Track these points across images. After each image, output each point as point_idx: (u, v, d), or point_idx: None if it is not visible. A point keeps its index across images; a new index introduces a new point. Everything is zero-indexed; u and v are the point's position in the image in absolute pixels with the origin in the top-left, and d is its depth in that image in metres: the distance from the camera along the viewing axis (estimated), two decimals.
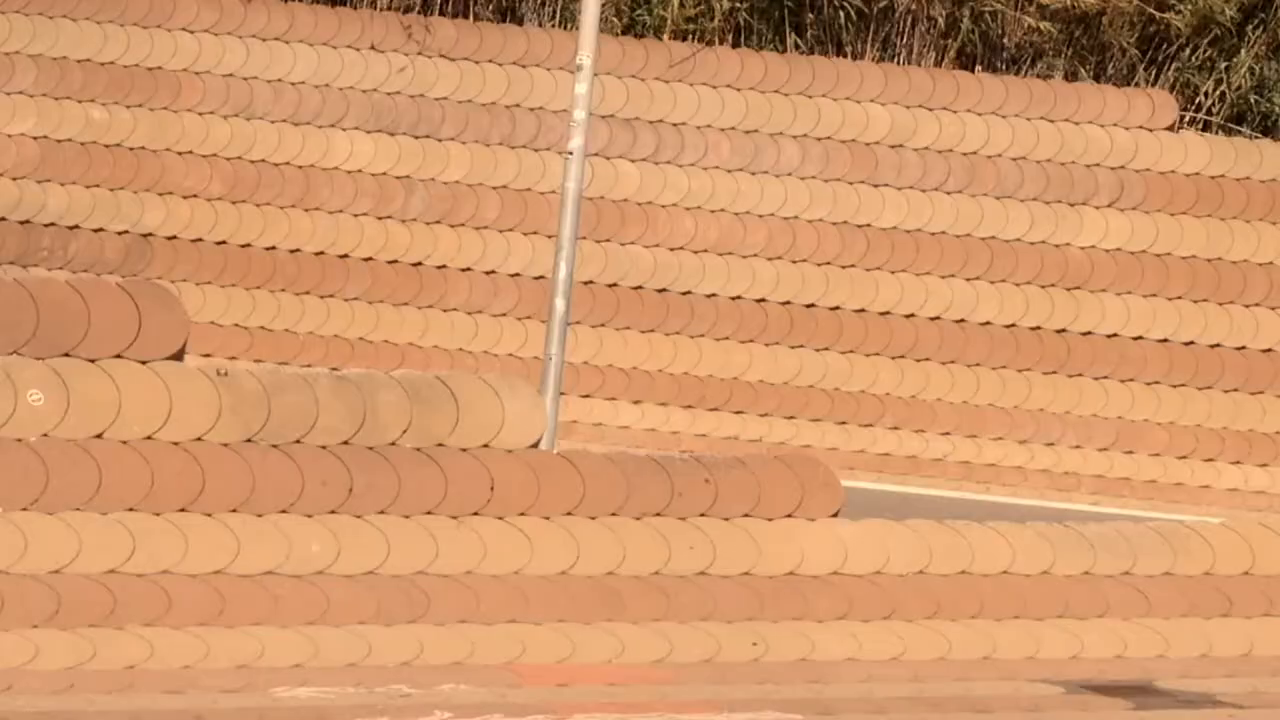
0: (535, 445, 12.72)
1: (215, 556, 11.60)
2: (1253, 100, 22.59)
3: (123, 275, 20.14)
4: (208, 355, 19.67)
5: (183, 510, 11.67)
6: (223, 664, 11.17)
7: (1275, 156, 21.55)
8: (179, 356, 12.18)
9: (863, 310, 21.27)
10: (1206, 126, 22.52)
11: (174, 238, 21.05)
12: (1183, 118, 22.26)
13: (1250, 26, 22.73)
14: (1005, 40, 22.56)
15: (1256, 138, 22.17)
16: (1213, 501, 20.17)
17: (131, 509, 11.57)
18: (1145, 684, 12.23)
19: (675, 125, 21.67)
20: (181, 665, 11.10)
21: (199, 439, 11.86)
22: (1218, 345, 21.26)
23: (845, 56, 22.25)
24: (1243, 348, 21.24)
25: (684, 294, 21.25)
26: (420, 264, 21.27)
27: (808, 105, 21.70)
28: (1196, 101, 22.64)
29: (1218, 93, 22.61)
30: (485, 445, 12.55)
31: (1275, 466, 20.94)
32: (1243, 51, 22.51)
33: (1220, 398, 21.14)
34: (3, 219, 20.86)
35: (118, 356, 11.87)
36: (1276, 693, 12.18)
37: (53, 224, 20.92)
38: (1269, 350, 21.21)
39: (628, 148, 21.61)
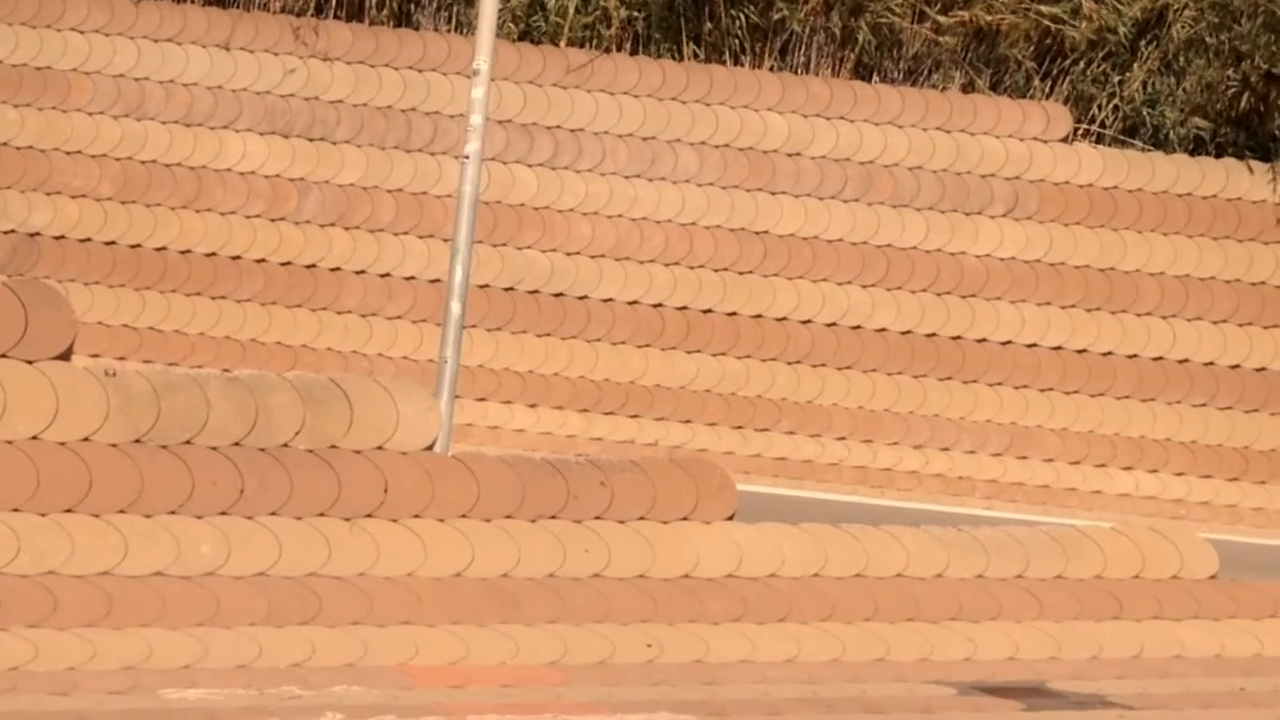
0: (430, 448, 12.64)
1: (102, 557, 11.44)
2: (1145, 114, 22.84)
3: (9, 275, 19.86)
4: (96, 355, 19.43)
5: (69, 511, 11.50)
6: (110, 665, 11.00)
7: (1167, 169, 21.81)
8: (66, 356, 12.01)
9: (759, 316, 21.32)
10: (1100, 139, 22.74)
11: (62, 237, 20.78)
12: (1077, 130, 22.47)
13: (1143, 42, 22.99)
14: (903, 51, 22.70)
15: (1149, 150, 22.40)
16: (1104, 506, 20.36)
17: (16, 509, 11.38)
18: (1037, 685, 12.30)
19: (572, 131, 21.64)
20: (67, 667, 10.93)
21: (86, 439, 11.69)
22: (1110, 353, 21.47)
23: (742, 66, 22.31)
24: (1135, 356, 21.45)
25: (580, 298, 21.22)
26: (314, 266, 21.12)
27: (705, 113, 21.73)
28: (1091, 114, 22.86)
29: (1111, 106, 22.84)
30: (379, 447, 12.45)
31: (1165, 472, 21.17)
32: (1136, 66, 22.76)
33: (1113, 405, 21.35)
34: None
35: (3, 356, 11.68)
36: (1165, 694, 12.28)
37: None
38: (1160, 358, 21.44)
39: (525, 153, 21.55)
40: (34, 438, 11.59)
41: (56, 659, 10.95)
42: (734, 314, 21.31)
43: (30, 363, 11.71)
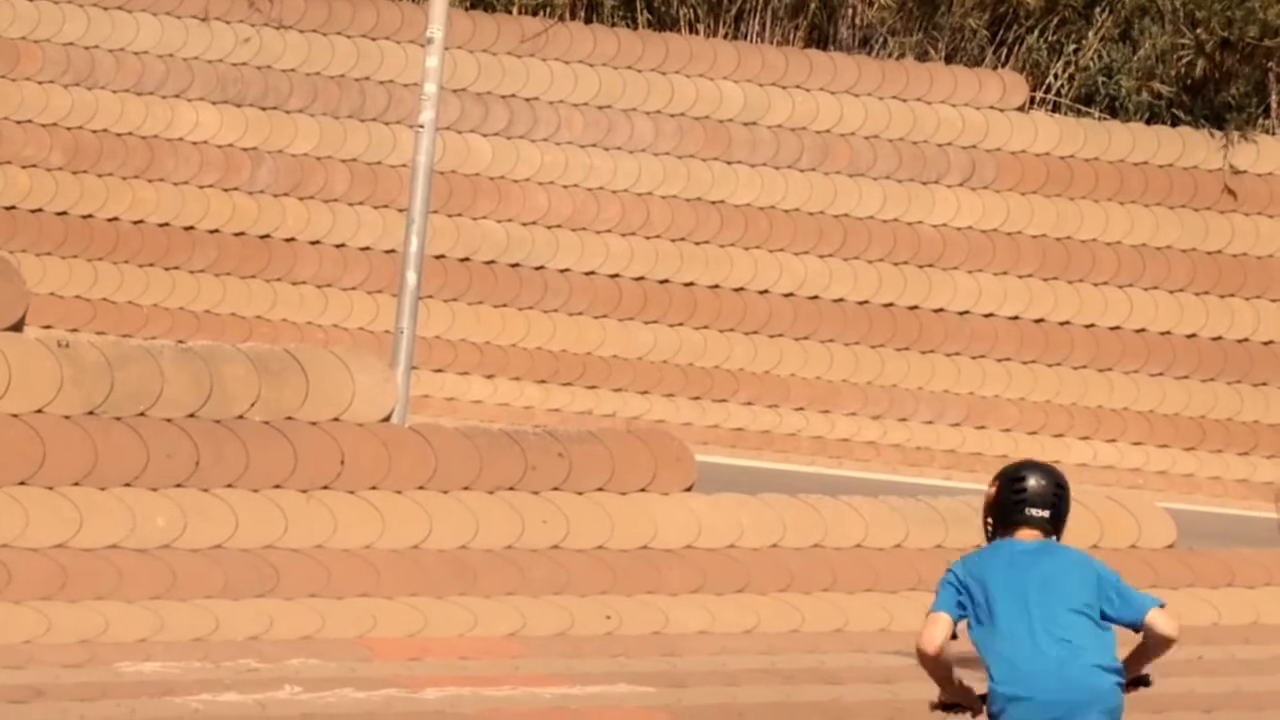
0: (386, 419, 12.56)
1: (57, 530, 11.34)
2: (1100, 82, 22.84)
3: None
4: (48, 327, 19.26)
5: (22, 484, 11.39)
6: (65, 639, 10.92)
7: (1123, 138, 21.83)
8: (18, 328, 11.89)
9: (717, 286, 21.27)
10: (1056, 107, 22.74)
11: (13, 208, 20.58)
12: (1033, 99, 22.47)
13: (1098, 9, 22.97)
14: (855, 20, 22.63)
15: (1105, 119, 22.42)
16: None
17: None
18: None
19: (528, 100, 21.53)
20: (22, 640, 10.84)
21: (39, 411, 11.58)
22: (1067, 323, 21.50)
23: (697, 35, 22.22)
24: (1091, 325, 21.49)
25: (537, 269, 21.14)
26: (268, 236, 20.98)
27: (661, 82, 21.64)
28: (1046, 83, 22.85)
29: (1067, 74, 22.84)
30: (335, 419, 12.37)
31: (1123, 442, 21.23)
32: (1090, 34, 22.75)
33: (1069, 374, 21.39)
34: None
35: None
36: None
37: None
38: (1116, 328, 21.48)
39: (480, 122, 21.43)
40: None
41: (11, 632, 10.85)
42: (691, 284, 21.26)
43: None
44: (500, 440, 12.81)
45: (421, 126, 13.92)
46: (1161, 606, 7.10)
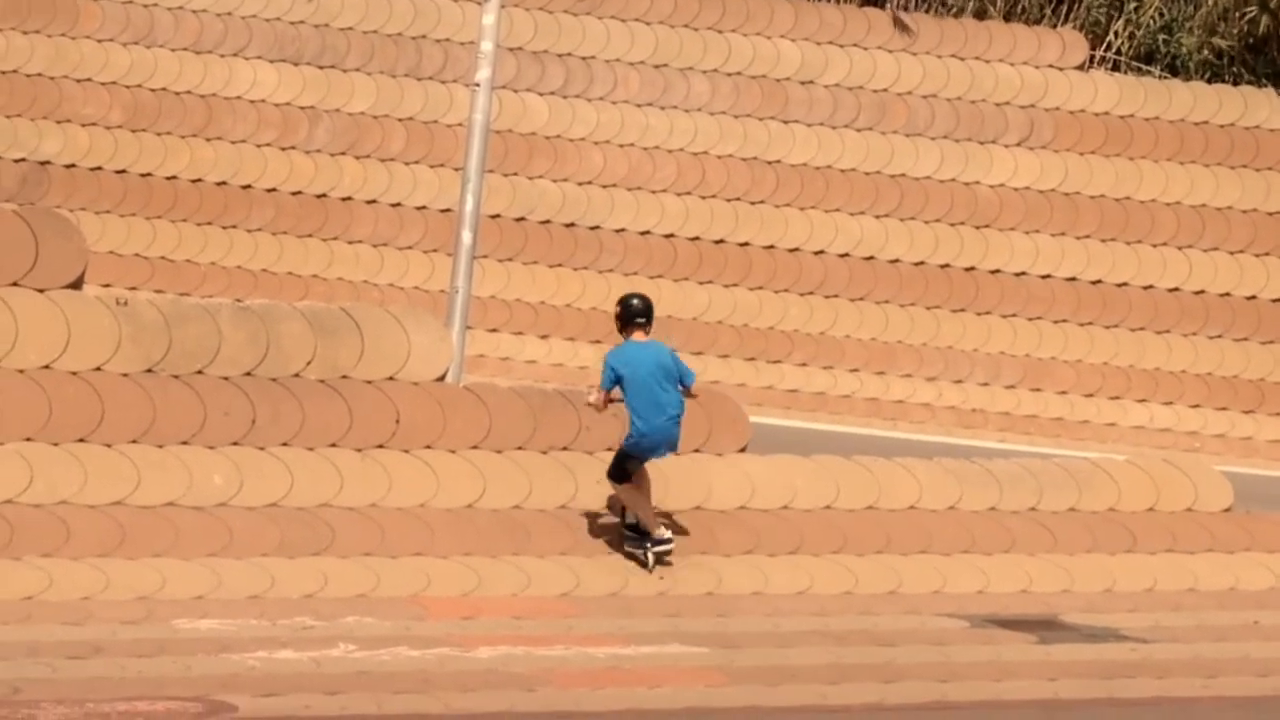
0: (441, 378, 12.62)
1: (115, 487, 11.44)
2: (1161, 40, 22.65)
3: (19, 203, 19.79)
4: (107, 285, 19.38)
5: (81, 440, 11.49)
6: (123, 595, 11.02)
7: (1184, 97, 21.66)
8: (77, 285, 11.98)
9: (772, 246, 21.23)
10: (1116, 66, 22.58)
11: (72, 166, 20.71)
12: (1092, 57, 22.31)
13: None
14: None
15: (1165, 78, 22.24)
16: (1118, 439, 20.32)
17: (29, 439, 11.38)
18: (1050, 618, 12.30)
19: (584, 59, 21.51)
20: (81, 596, 10.95)
21: (98, 369, 11.67)
22: (1125, 284, 21.39)
23: None
24: (1150, 287, 21.36)
25: (592, 229, 21.14)
26: (325, 195, 21.04)
27: (718, 40, 21.59)
28: (1106, 41, 22.68)
29: (1127, 33, 22.66)
30: (390, 378, 12.43)
31: (1180, 405, 21.11)
32: None
33: (1126, 336, 21.27)
34: None
35: (14, 285, 11.66)
36: (1178, 627, 12.27)
37: None
38: (1175, 289, 21.35)
39: (536, 81, 21.43)
40: (46, 367, 11.57)
41: (70, 588, 10.96)
42: (746, 244, 21.23)
43: (42, 291, 11.68)
44: (554, 400, 12.85)
45: (478, 85, 13.92)
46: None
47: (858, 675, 10.54)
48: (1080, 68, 21.80)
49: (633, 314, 12.17)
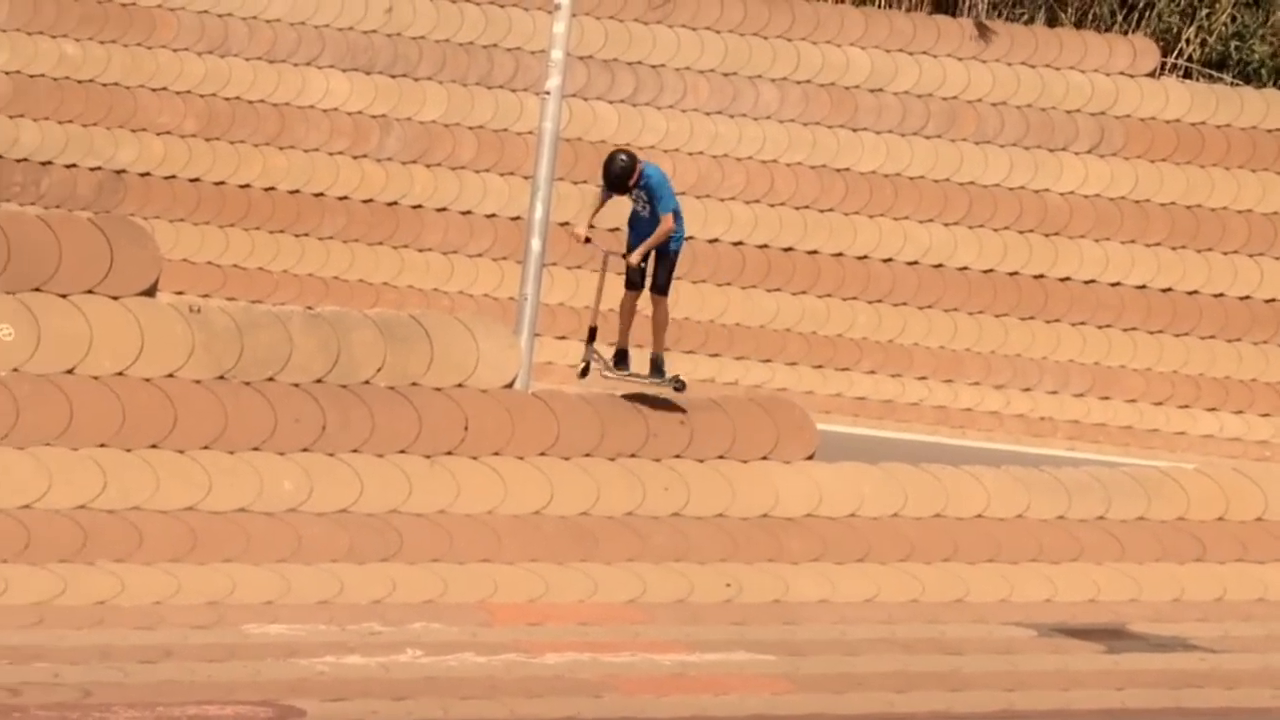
0: (510, 385, 12.69)
1: (187, 493, 11.56)
2: (1233, 47, 22.52)
3: (95, 211, 20.02)
4: (180, 292, 19.57)
5: (154, 446, 11.62)
6: (194, 600, 11.14)
7: (1256, 104, 21.51)
8: (151, 293, 12.11)
9: (840, 254, 21.22)
10: (1187, 73, 22.46)
11: (147, 174, 20.91)
12: (1164, 64, 22.19)
13: None
14: None
15: (1237, 85, 22.10)
16: (1188, 447, 20.19)
17: (103, 445, 11.52)
18: (1118, 627, 12.26)
19: (654, 67, 21.56)
20: (152, 601, 11.07)
21: (171, 375, 11.80)
22: (1195, 292, 21.26)
23: (825, 0, 22.14)
24: (1220, 295, 21.23)
25: None
26: (396, 203, 21.17)
27: (787, 48, 21.59)
28: (1177, 48, 22.57)
29: (1199, 40, 22.54)
30: (460, 385, 12.51)
31: (1250, 413, 20.96)
32: None
33: (1197, 344, 21.15)
34: None
35: (89, 292, 11.80)
36: (1248, 637, 12.21)
37: (25, 159, 20.77)
38: (1246, 298, 21.21)
39: (606, 89, 21.50)
40: (119, 373, 11.71)
41: (142, 593, 11.09)
42: (815, 252, 21.22)
43: (116, 299, 11.82)
44: (622, 407, 12.90)
45: (548, 93, 14.00)
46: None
47: (924, 683, 10.54)
48: (1151, 75, 21.69)
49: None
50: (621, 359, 13.23)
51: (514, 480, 12.26)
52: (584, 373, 13.28)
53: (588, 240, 13.21)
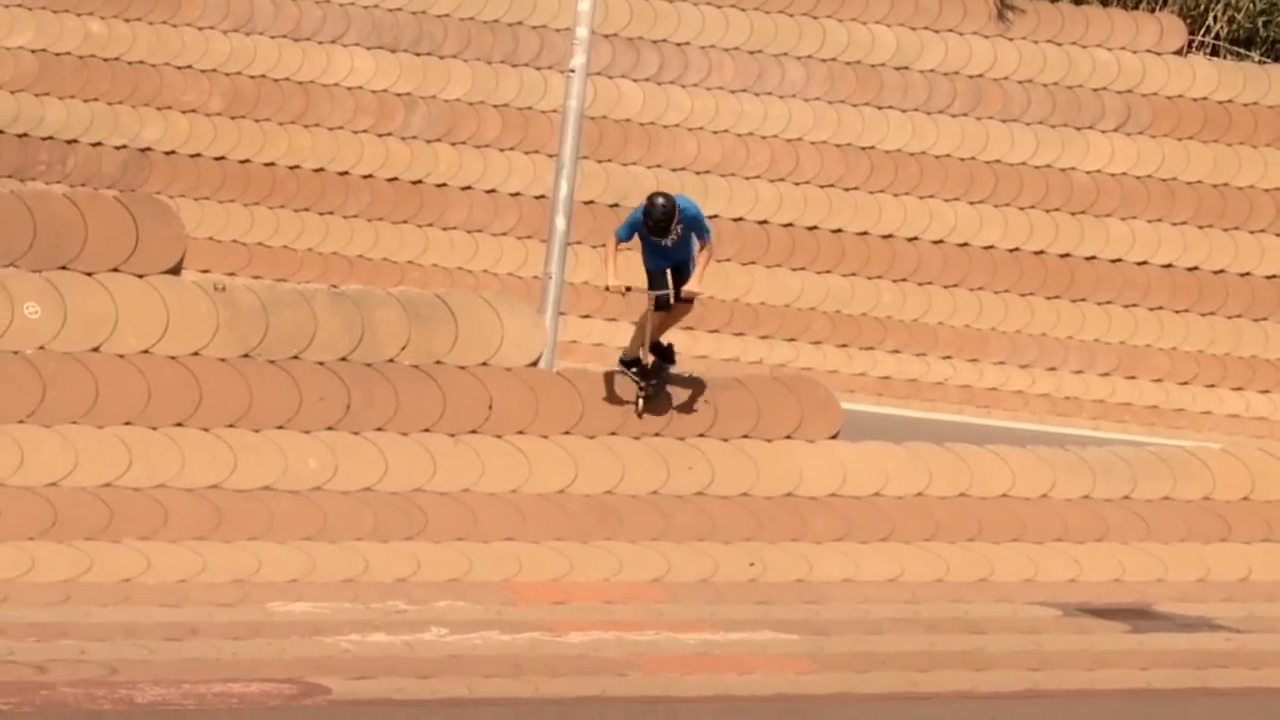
0: (534, 364, 12.70)
1: (212, 471, 11.59)
2: (1260, 24, 22.41)
3: (120, 189, 20.05)
4: (205, 271, 19.61)
5: (179, 425, 11.66)
6: (219, 578, 11.18)
7: None
8: (176, 271, 12.14)
9: (865, 233, 21.18)
10: (1215, 51, 22.36)
11: (172, 153, 20.95)
12: (1190, 42, 22.10)
13: None
14: None
15: (1265, 62, 22.00)
16: (1214, 427, 20.15)
17: (128, 423, 11.55)
18: (1143, 607, 12.24)
19: (678, 45, 21.52)
20: (178, 579, 11.11)
21: (196, 354, 11.83)
22: (1222, 271, 21.19)
23: None
24: (1247, 274, 21.16)
25: None
26: (420, 182, 21.18)
27: (813, 26, 21.54)
28: (1204, 25, 22.46)
29: (1226, 17, 22.43)
30: (484, 363, 12.52)
31: (1277, 393, 20.90)
32: None
33: (1223, 324, 21.08)
34: (0, 132, 20.74)
35: (114, 270, 11.83)
36: (1273, 617, 12.18)
37: (50, 138, 20.81)
38: (1273, 276, 21.13)
39: (630, 67, 21.46)
40: (145, 352, 11.74)
41: (167, 571, 11.13)
42: (839, 231, 21.19)
43: (141, 277, 11.85)
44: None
45: (573, 71, 13.99)
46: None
47: (948, 663, 10.53)
48: (1178, 52, 21.60)
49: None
50: (651, 372, 12.82)
51: (538, 459, 12.28)
52: (643, 405, 12.69)
53: (628, 290, 12.76)
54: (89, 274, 11.75)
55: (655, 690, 9.72)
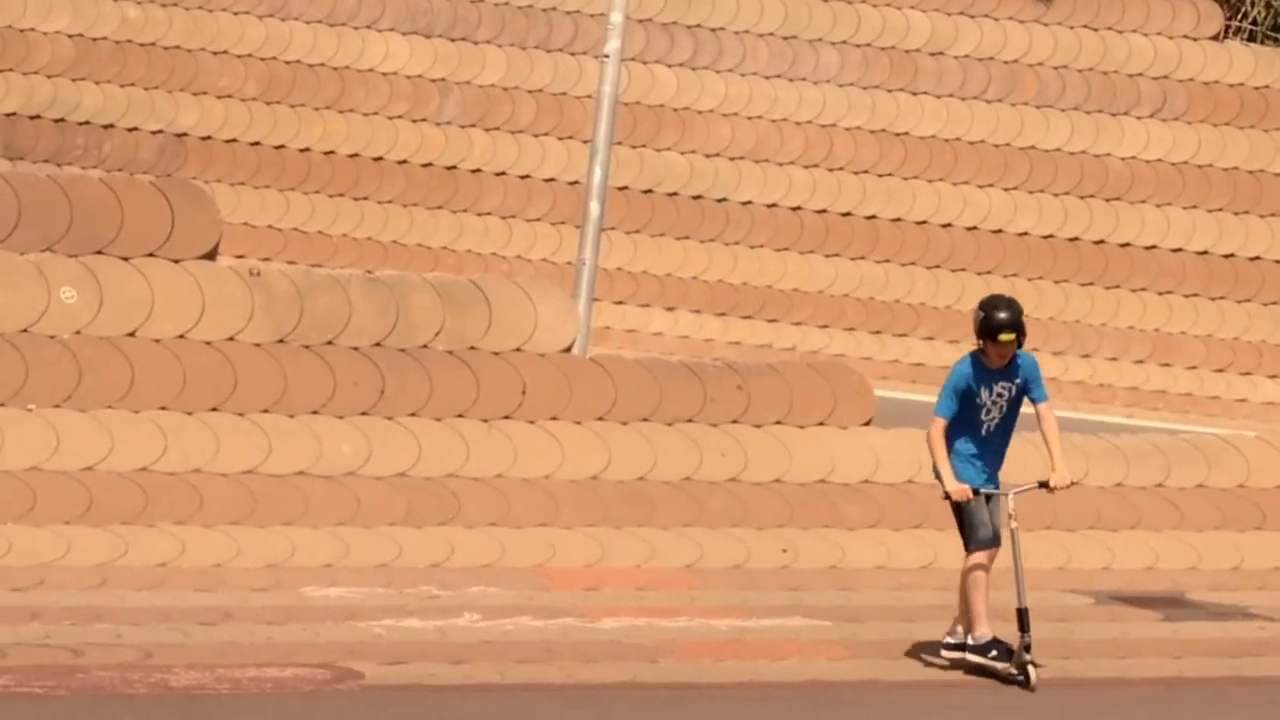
0: (568, 350, 12.71)
1: (247, 456, 11.63)
2: None
3: (156, 175, 20.11)
4: (241, 256, 19.68)
5: (214, 410, 11.70)
6: (253, 563, 11.22)
7: None
8: (212, 256, 12.17)
9: (899, 219, 21.15)
10: (1252, 36, 22.26)
11: (208, 138, 21.01)
12: (1228, 27, 22.00)
13: None
14: None
15: None
16: (1249, 415, 20.08)
17: (163, 408, 11.60)
18: (1176, 595, 12.21)
19: (713, 30, 21.51)
20: (213, 563, 11.16)
21: (231, 339, 11.87)
22: (1258, 258, 21.11)
23: None
24: None
25: (719, 201, 21.16)
26: (455, 167, 21.21)
27: (847, 11, 21.50)
28: (1241, 10, 22.36)
29: (1263, 2, 22.33)
30: (517, 349, 12.54)
31: None
32: None
33: (1259, 311, 21.00)
34: (37, 117, 20.85)
35: (150, 255, 11.86)
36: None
37: (87, 122, 20.90)
38: None
39: (665, 52, 21.46)
40: (180, 337, 11.78)
41: (202, 555, 11.18)
42: (873, 217, 21.16)
43: (177, 262, 11.89)
44: (680, 372, 12.90)
45: (607, 57, 13.99)
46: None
47: None
48: (1215, 38, 21.51)
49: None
50: (1023, 621, 9.92)
51: (571, 445, 12.29)
52: (1027, 679, 9.75)
53: (977, 493, 9.98)
54: (125, 259, 11.80)
55: (687, 676, 9.74)
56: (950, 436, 9.89)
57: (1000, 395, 9.98)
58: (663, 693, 9.46)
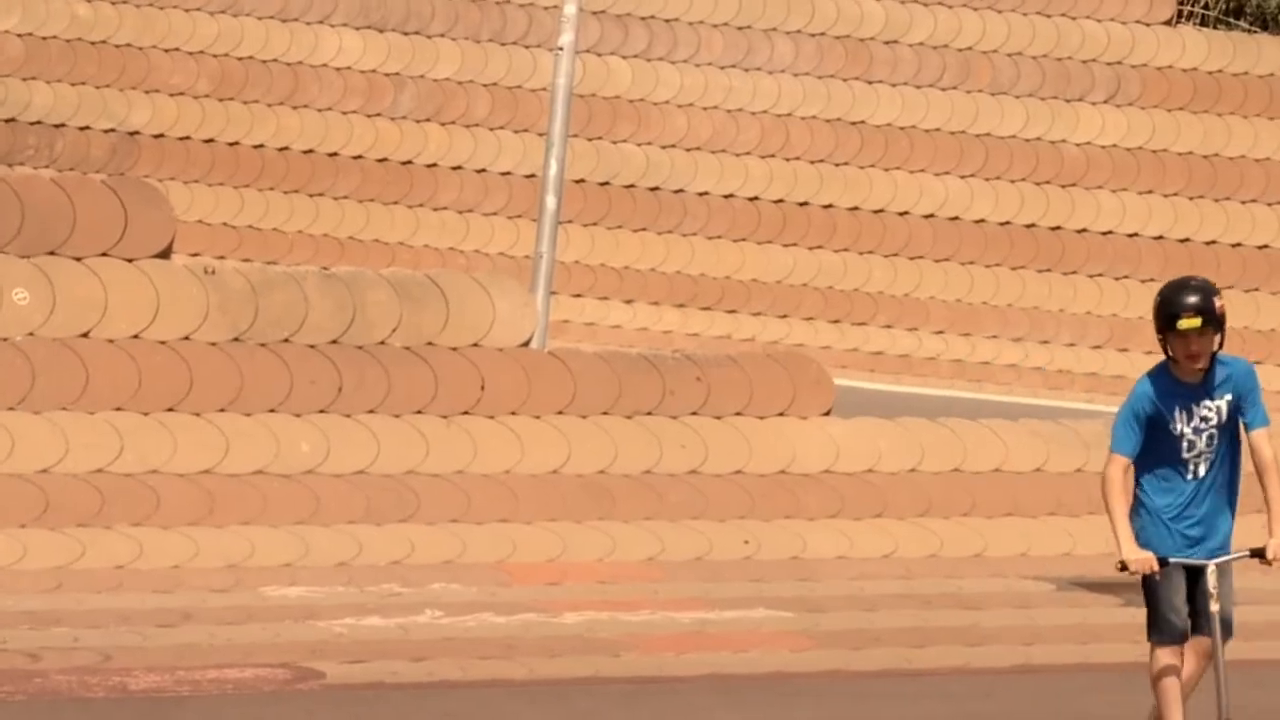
0: (526, 344, 12.67)
1: (204, 456, 11.57)
2: None
3: (109, 174, 19.97)
4: (195, 254, 19.54)
5: (171, 410, 11.63)
6: (212, 563, 11.16)
7: (1273, 51, 21.36)
8: (166, 255, 12.10)
9: (856, 208, 21.15)
10: (1204, 21, 22.33)
11: (161, 136, 20.88)
12: (1180, 12, 22.06)
13: None
14: None
15: (1254, 32, 21.98)
16: None
17: (119, 408, 11.52)
18: (1137, 581, 12.23)
19: (667, 22, 21.47)
20: (171, 565, 11.10)
21: (186, 338, 11.79)
22: (1213, 242, 21.16)
23: None
24: (1238, 244, 21.13)
25: (676, 192, 21.12)
26: (410, 162, 21.12)
27: (802, 1, 21.47)
28: None
29: None
30: (475, 344, 12.50)
31: (1269, 363, 20.88)
32: None
33: None
34: None
35: (103, 255, 11.78)
36: (1270, 589, 12.18)
37: (38, 122, 20.74)
38: (1265, 246, 21.11)
39: (619, 44, 21.41)
40: (135, 336, 11.70)
41: (160, 557, 11.11)
42: (830, 206, 21.15)
43: (130, 261, 11.81)
44: (639, 365, 12.88)
45: (561, 49, 13.94)
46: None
47: (942, 639, 10.55)
48: (1167, 23, 21.56)
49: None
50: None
51: (531, 440, 12.26)
52: None
53: (1165, 564, 7.55)
54: (78, 259, 11.72)
55: (650, 670, 9.73)
56: (1140, 482, 7.43)
57: (1206, 420, 7.42)
58: (626, 687, 9.44)
